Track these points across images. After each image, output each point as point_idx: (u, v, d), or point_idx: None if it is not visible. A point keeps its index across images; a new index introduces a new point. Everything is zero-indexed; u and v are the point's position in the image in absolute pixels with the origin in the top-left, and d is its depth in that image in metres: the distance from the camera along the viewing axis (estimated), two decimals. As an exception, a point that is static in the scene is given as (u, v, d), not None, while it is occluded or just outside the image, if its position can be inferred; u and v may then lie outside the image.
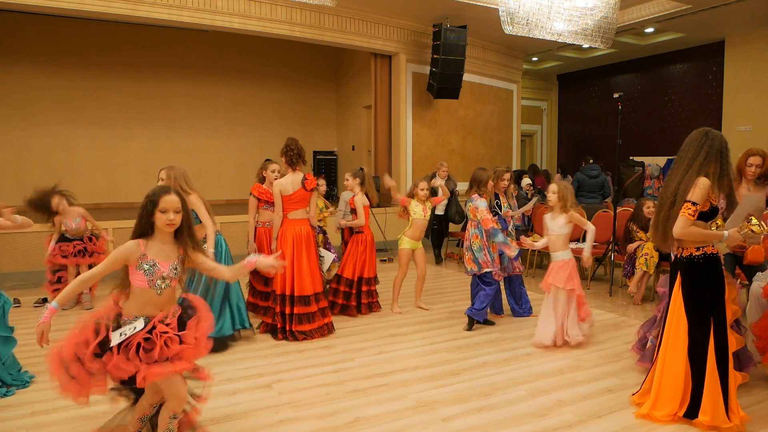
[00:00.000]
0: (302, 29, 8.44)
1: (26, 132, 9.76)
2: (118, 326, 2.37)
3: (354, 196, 5.39)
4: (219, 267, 2.71)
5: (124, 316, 2.41)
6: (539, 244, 4.62)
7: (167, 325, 2.36)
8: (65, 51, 9.92)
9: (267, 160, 5.42)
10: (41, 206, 5.37)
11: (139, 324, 2.34)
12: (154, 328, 2.34)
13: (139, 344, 2.29)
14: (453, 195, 7.69)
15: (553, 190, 4.35)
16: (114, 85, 10.37)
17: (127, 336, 2.31)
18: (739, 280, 4.84)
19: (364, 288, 5.32)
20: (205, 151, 11.17)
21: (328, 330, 4.65)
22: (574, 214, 4.33)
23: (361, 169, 5.63)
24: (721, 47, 10.28)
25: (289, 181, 4.53)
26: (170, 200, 2.37)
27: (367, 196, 5.40)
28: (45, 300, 5.71)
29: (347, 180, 5.50)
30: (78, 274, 5.54)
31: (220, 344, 4.16)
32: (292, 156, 4.57)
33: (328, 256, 5.07)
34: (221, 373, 3.71)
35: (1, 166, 9.51)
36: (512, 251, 4.68)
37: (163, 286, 2.41)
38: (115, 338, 2.31)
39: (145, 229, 2.42)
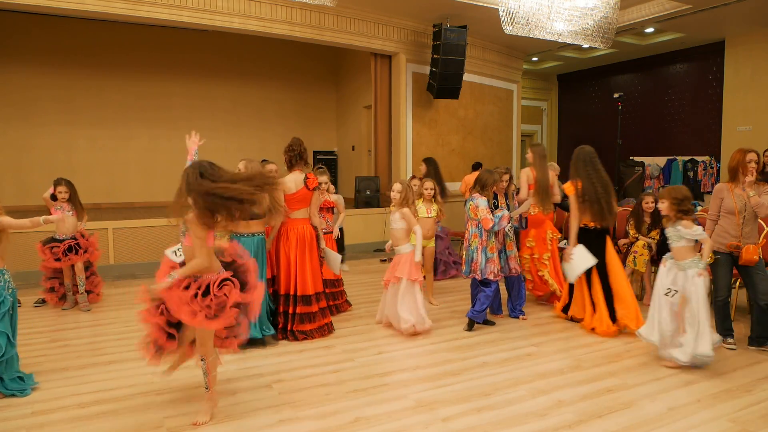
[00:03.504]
0: (302, 29, 8.45)
1: (26, 132, 9.77)
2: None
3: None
4: None
5: None
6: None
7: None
8: (65, 51, 9.92)
9: (263, 160, 5.43)
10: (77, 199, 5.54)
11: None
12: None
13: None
14: None
15: (397, 189, 4.72)
16: (114, 85, 10.37)
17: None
18: (738, 281, 4.86)
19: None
20: (205, 152, 10.82)
21: (328, 330, 4.66)
22: (407, 211, 4.67)
23: (320, 167, 5.80)
24: (721, 47, 10.28)
25: (292, 180, 4.55)
26: None
27: None
28: (44, 301, 5.70)
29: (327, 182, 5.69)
30: (74, 273, 5.48)
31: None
32: (292, 156, 4.58)
33: (334, 255, 4.99)
34: (221, 372, 3.69)
35: (1, 166, 9.52)
36: (505, 220, 4.76)
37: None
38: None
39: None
